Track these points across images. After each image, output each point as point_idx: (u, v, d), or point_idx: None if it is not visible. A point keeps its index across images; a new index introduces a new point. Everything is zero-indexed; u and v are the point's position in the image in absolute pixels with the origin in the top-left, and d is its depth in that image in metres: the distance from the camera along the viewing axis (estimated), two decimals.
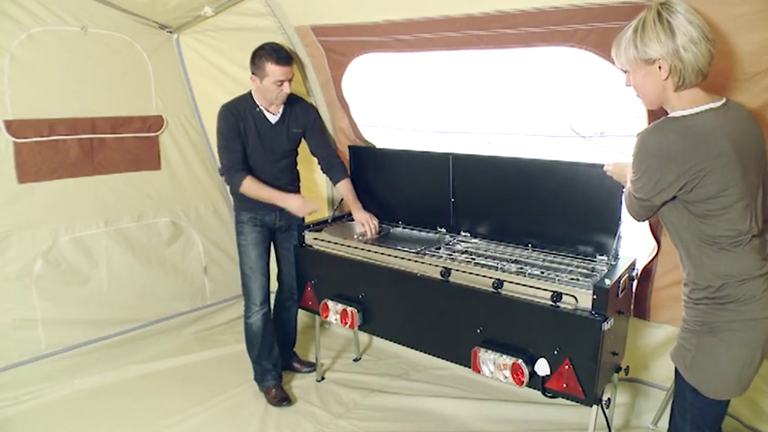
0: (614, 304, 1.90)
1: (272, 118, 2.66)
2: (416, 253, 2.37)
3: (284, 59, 2.49)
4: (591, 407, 1.91)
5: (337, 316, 2.51)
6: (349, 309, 2.46)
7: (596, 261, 2.23)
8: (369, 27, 2.57)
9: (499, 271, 2.15)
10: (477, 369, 2.05)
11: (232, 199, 2.88)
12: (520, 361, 1.93)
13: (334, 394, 2.83)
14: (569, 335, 1.87)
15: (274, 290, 2.98)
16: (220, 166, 2.67)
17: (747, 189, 1.39)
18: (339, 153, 3.02)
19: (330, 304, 2.54)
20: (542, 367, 1.92)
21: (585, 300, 1.85)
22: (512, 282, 2.03)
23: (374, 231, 2.74)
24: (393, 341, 2.60)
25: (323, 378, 3.00)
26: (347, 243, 2.58)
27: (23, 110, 2.68)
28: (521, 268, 2.20)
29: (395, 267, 2.37)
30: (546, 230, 2.39)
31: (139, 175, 3.17)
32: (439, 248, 2.49)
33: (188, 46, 3.22)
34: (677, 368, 1.57)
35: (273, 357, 2.80)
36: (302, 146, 2.85)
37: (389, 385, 2.91)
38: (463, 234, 2.66)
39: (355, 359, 3.21)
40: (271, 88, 2.52)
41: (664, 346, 2.34)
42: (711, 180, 1.35)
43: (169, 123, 3.26)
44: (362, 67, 2.90)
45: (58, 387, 2.82)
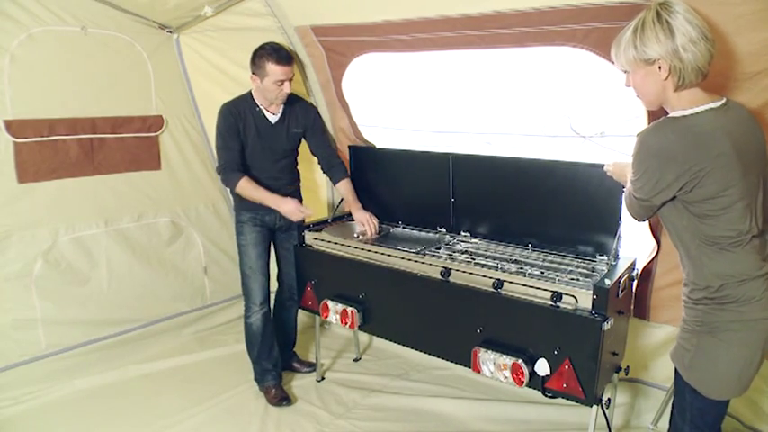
0: (614, 304, 1.90)
1: (272, 118, 2.66)
2: (416, 253, 2.37)
3: (285, 59, 2.49)
4: (591, 407, 1.91)
5: (337, 316, 2.51)
6: (349, 309, 2.46)
7: (596, 261, 2.23)
8: (368, 27, 2.57)
9: (499, 271, 2.15)
10: (477, 369, 2.05)
11: (232, 199, 2.89)
12: (520, 361, 1.93)
13: (334, 394, 2.83)
14: (569, 335, 1.87)
15: (274, 290, 2.99)
16: (217, 165, 2.68)
17: (747, 189, 1.39)
18: (339, 153, 3.03)
19: (330, 304, 2.54)
20: (542, 367, 1.92)
21: (585, 300, 1.85)
22: (512, 282, 2.03)
23: (374, 231, 2.74)
24: (393, 341, 2.60)
25: (323, 378, 3.00)
26: (347, 243, 2.58)
27: (23, 110, 2.68)
28: (521, 268, 2.20)
29: (395, 267, 2.37)
30: (546, 230, 2.39)
31: (139, 175, 3.17)
32: (439, 248, 2.49)
33: (188, 46, 3.22)
34: (677, 368, 1.57)
35: (273, 357, 2.80)
36: (302, 146, 2.85)
37: (389, 385, 2.91)
38: (463, 234, 2.66)
39: (355, 359, 3.21)
40: (271, 88, 2.53)
41: (664, 346, 2.34)
42: (711, 180, 1.35)
43: (169, 123, 3.26)
44: (362, 67, 2.91)
45: (58, 387, 2.83)
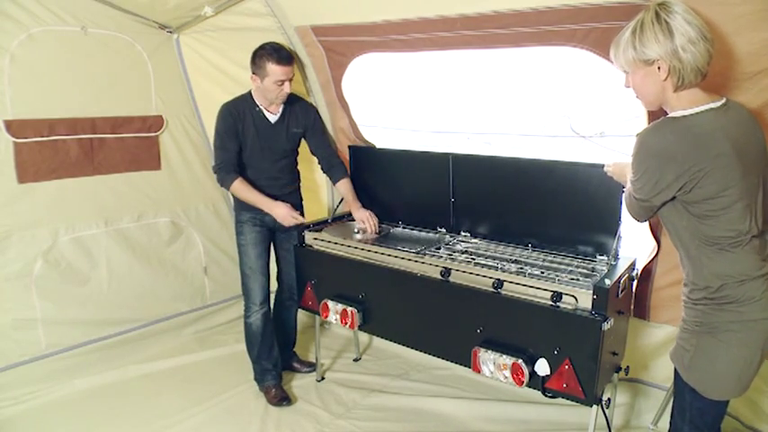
0: (614, 304, 1.90)
1: (272, 117, 2.66)
2: (416, 253, 2.37)
3: (285, 59, 2.49)
4: (591, 407, 1.91)
5: (337, 316, 2.51)
6: (349, 309, 2.46)
7: (596, 261, 2.23)
8: (368, 27, 2.57)
9: (499, 271, 2.15)
10: (477, 369, 2.05)
11: (232, 199, 2.89)
12: (520, 361, 1.93)
13: (334, 394, 2.83)
14: (569, 335, 1.87)
15: (274, 290, 2.99)
16: (213, 165, 2.69)
17: (747, 189, 1.39)
18: (339, 153, 3.03)
19: (330, 304, 2.54)
20: (542, 367, 1.92)
21: (585, 300, 1.85)
22: (512, 282, 2.03)
23: (374, 229, 2.74)
24: (393, 341, 2.60)
25: (323, 378, 3.00)
26: (347, 243, 2.58)
27: (23, 110, 2.68)
28: (521, 268, 2.20)
29: (395, 267, 2.37)
30: (546, 230, 2.39)
31: (139, 175, 3.17)
32: (439, 248, 2.49)
33: (188, 46, 3.22)
34: (676, 368, 1.57)
35: (273, 357, 2.80)
36: (302, 146, 2.86)
37: (389, 385, 2.91)
38: (463, 234, 2.66)
39: (355, 359, 3.21)
40: (271, 88, 2.53)
41: (664, 346, 2.34)
42: (710, 180, 1.35)
43: (169, 123, 3.26)
44: (362, 67, 2.91)
45: (58, 387, 2.83)
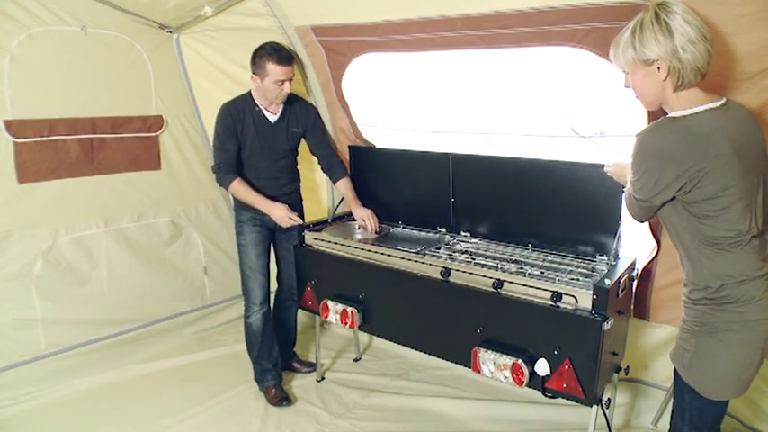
0: (614, 304, 1.90)
1: (272, 117, 2.67)
2: (416, 253, 2.37)
3: (285, 59, 2.49)
4: (591, 407, 1.91)
5: (337, 316, 2.51)
6: (349, 309, 2.46)
7: (596, 261, 2.24)
8: (368, 27, 2.57)
9: (499, 271, 2.15)
10: (477, 369, 2.05)
11: (232, 199, 2.89)
12: (520, 361, 1.93)
13: (334, 394, 2.83)
14: (569, 335, 1.87)
15: (274, 290, 2.99)
16: (212, 165, 2.69)
17: (747, 189, 1.39)
18: (339, 153, 3.03)
19: (330, 304, 2.54)
20: (542, 367, 1.92)
21: (585, 300, 1.85)
22: (512, 282, 2.03)
23: (374, 227, 2.74)
24: (393, 341, 2.59)
25: (323, 378, 3.00)
26: (347, 243, 2.58)
27: (23, 110, 2.68)
28: (521, 268, 2.20)
29: (395, 267, 2.37)
30: (546, 230, 2.39)
31: (139, 175, 3.17)
32: (439, 248, 2.49)
33: (188, 46, 3.22)
34: (676, 368, 1.57)
35: (273, 357, 2.80)
36: (302, 146, 2.86)
37: (389, 385, 2.91)
38: (463, 234, 2.66)
39: (355, 359, 3.21)
40: (271, 88, 2.53)
41: (664, 346, 2.34)
42: (710, 180, 1.35)
43: (169, 123, 3.26)
44: (362, 67, 2.91)
45: (58, 387, 2.83)
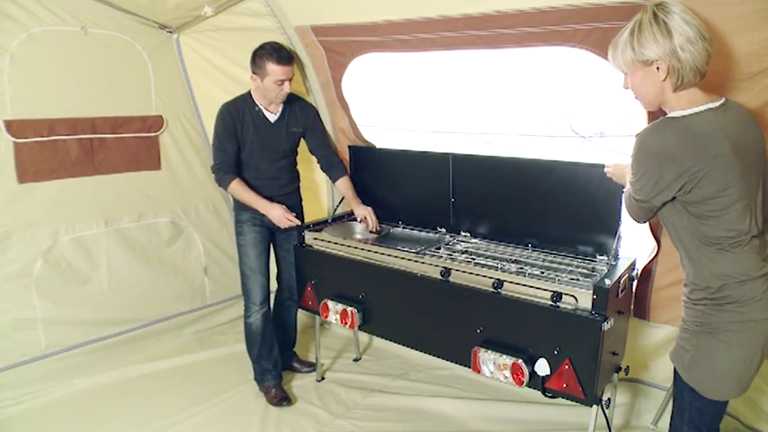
0: (614, 304, 1.90)
1: (272, 117, 2.67)
2: (416, 253, 2.37)
3: (285, 59, 2.49)
4: (591, 407, 1.91)
5: (337, 316, 2.51)
6: (349, 309, 2.46)
7: (596, 261, 2.24)
8: (368, 27, 2.57)
9: (499, 271, 2.15)
10: (477, 369, 2.05)
11: (232, 199, 2.89)
12: (520, 361, 1.93)
13: (334, 394, 2.83)
14: (569, 335, 1.87)
15: (274, 290, 2.99)
16: (212, 165, 2.69)
17: (746, 189, 1.39)
18: (338, 153, 3.02)
19: (330, 304, 2.54)
20: (542, 367, 1.92)
21: (585, 300, 1.85)
22: (512, 282, 2.03)
23: (375, 224, 2.75)
24: (393, 341, 2.59)
25: (323, 378, 3.00)
26: (347, 243, 2.58)
27: (23, 110, 2.68)
28: (521, 268, 2.20)
29: (395, 267, 2.37)
30: (546, 230, 2.39)
31: (139, 175, 3.17)
32: (439, 248, 2.49)
33: (188, 46, 3.22)
34: (676, 368, 1.57)
35: (273, 357, 2.80)
36: (302, 146, 2.86)
37: (389, 385, 2.91)
38: (463, 234, 2.66)
39: (355, 359, 3.21)
40: (271, 87, 2.53)
41: (664, 346, 2.34)
42: (710, 181, 1.35)
43: (169, 123, 3.26)
44: (362, 67, 2.91)
45: (58, 387, 2.83)
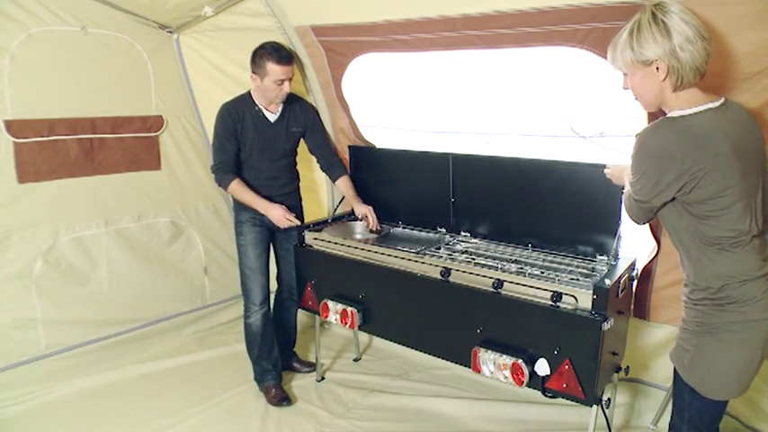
0: (614, 304, 1.90)
1: (272, 117, 2.67)
2: (416, 253, 2.37)
3: (285, 59, 2.49)
4: (591, 407, 1.91)
5: (337, 316, 2.51)
6: (349, 309, 2.46)
7: (596, 261, 2.24)
8: (368, 27, 2.57)
9: (499, 271, 2.15)
10: (477, 369, 2.05)
11: (232, 199, 2.89)
12: (520, 361, 1.93)
13: (334, 394, 2.83)
14: (569, 335, 1.87)
15: (274, 290, 2.99)
16: (212, 165, 2.69)
17: (747, 189, 1.39)
18: (338, 153, 3.03)
19: (330, 304, 2.54)
20: (542, 367, 1.92)
21: (585, 300, 1.85)
22: (512, 282, 2.03)
23: (375, 222, 2.76)
24: (393, 341, 2.59)
25: (323, 378, 3.00)
26: (347, 243, 2.58)
27: (23, 110, 2.68)
28: (521, 268, 2.20)
29: (395, 267, 2.37)
30: (546, 230, 2.39)
31: (139, 175, 3.17)
32: (439, 248, 2.49)
33: (188, 46, 3.22)
34: (676, 368, 1.57)
35: (273, 357, 2.80)
36: (302, 146, 2.86)
37: (389, 385, 2.91)
38: (463, 234, 2.66)
39: (355, 359, 3.21)
40: (271, 87, 2.53)
41: (664, 346, 2.34)
42: (710, 181, 1.35)
43: (169, 123, 3.26)
44: (362, 67, 2.91)
45: (58, 387, 2.83)
